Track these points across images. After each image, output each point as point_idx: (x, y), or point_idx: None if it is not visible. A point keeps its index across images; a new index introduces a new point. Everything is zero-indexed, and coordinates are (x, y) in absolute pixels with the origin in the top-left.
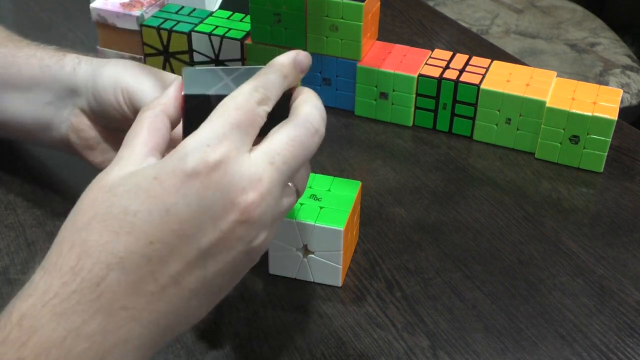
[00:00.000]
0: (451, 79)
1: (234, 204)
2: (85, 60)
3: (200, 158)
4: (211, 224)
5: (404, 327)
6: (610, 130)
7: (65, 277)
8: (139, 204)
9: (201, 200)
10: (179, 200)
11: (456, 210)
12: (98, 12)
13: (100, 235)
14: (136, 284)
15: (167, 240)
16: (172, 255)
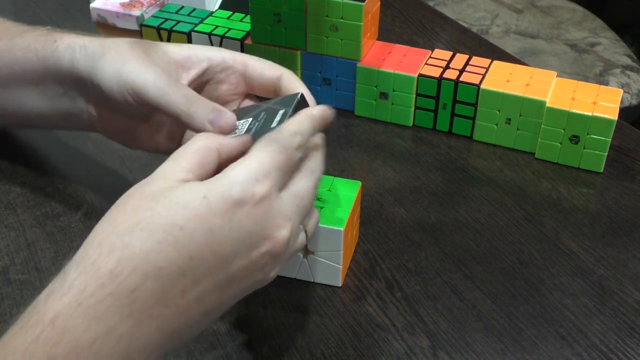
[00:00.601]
0: (451, 79)
1: (269, 238)
2: (78, 49)
3: (250, 190)
4: (245, 251)
5: (404, 327)
6: (611, 130)
7: (103, 279)
8: (186, 219)
9: (242, 229)
10: (224, 224)
11: (456, 210)
12: (98, 12)
13: (142, 243)
14: (167, 295)
15: (205, 258)
16: (206, 274)
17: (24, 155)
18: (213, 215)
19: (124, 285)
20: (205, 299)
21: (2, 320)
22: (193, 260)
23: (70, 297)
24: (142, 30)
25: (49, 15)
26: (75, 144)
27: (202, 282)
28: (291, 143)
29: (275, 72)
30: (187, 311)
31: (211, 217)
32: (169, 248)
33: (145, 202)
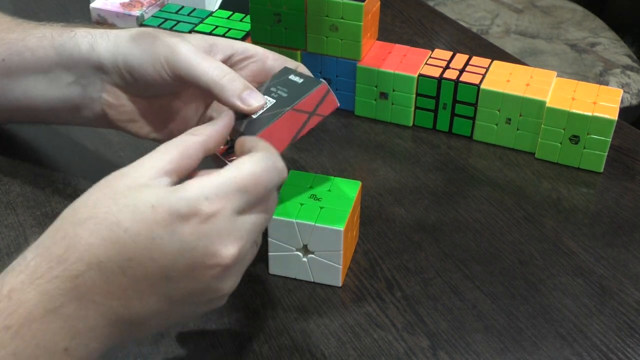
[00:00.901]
0: (451, 79)
1: (214, 255)
2: (99, 35)
3: (195, 207)
4: (185, 261)
5: (404, 327)
6: (611, 130)
7: (52, 263)
8: (132, 223)
9: (184, 242)
10: (166, 235)
11: (456, 210)
12: (98, 12)
13: (90, 236)
14: (107, 286)
15: (144, 263)
16: (144, 277)
17: (24, 155)
18: (156, 223)
19: (68, 270)
20: (147, 300)
21: None
22: (132, 262)
23: (25, 276)
24: None
25: (49, 15)
26: (75, 144)
27: (141, 284)
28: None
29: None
30: (129, 306)
31: (154, 226)
32: (111, 245)
33: (105, 199)
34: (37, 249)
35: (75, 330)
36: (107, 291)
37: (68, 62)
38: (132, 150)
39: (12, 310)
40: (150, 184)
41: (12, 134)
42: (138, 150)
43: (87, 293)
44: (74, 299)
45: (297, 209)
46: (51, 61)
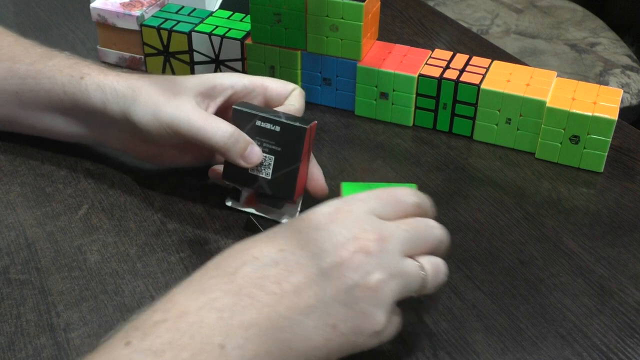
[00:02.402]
0: (451, 79)
1: (357, 238)
2: (109, 90)
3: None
4: (333, 248)
5: (404, 327)
6: (611, 130)
7: (209, 270)
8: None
9: (329, 230)
10: (311, 226)
11: (456, 210)
12: (98, 12)
13: (244, 245)
14: (262, 280)
15: (294, 251)
16: (296, 266)
17: (24, 155)
18: (302, 220)
19: (224, 269)
20: (301, 292)
21: (3, 320)
22: (284, 252)
23: (184, 284)
24: (142, 30)
25: (49, 15)
26: (75, 145)
27: (294, 273)
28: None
29: (287, 89)
30: (284, 301)
31: (300, 221)
32: (264, 242)
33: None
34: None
35: (231, 326)
36: (262, 284)
37: (84, 110)
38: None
39: (170, 307)
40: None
41: (13, 134)
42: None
43: (242, 286)
44: (229, 293)
45: None
46: (66, 106)
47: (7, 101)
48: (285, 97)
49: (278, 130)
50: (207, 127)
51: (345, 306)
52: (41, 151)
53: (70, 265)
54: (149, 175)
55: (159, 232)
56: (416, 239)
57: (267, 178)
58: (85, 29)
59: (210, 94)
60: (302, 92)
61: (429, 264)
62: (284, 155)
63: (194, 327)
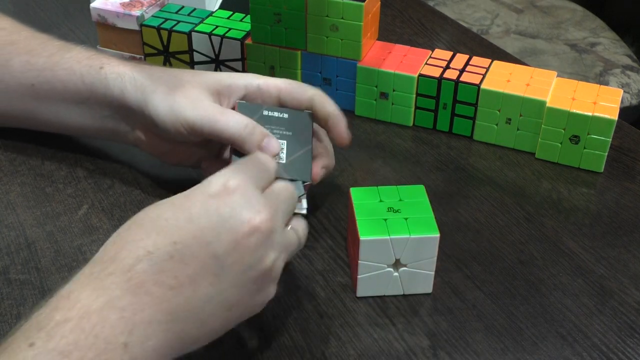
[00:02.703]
0: (451, 79)
1: (248, 220)
2: (128, 79)
3: (221, 183)
4: (226, 234)
5: (404, 327)
6: (611, 130)
7: (105, 264)
8: (170, 212)
9: (220, 215)
10: (202, 212)
11: (456, 210)
12: (98, 12)
13: (135, 234)
14: (159, 275)
15: (188, 242)
16: (192, 257)
17: (24, 155)
18: (192, 205)
19: (120, 266)
20: (197, 281)
21: (3, 320)
22: (177, 244)
23: (81, 280)
24: (142, 30)
25: (49, 15)
26: (76, 143)
27: (189, 264)
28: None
29: (305, 94)
30: (182, 292)
31: (191, 208)
32: (156, 235)
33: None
34: (90, 262)
35: (133, 324)
36: (160, 280)
37: (101, 100)
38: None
39: (70, 305)
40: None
41: (13, 134)
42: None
43: (139, 284)
44: (129, 292)
45: (383, 225)
46: (83, 96)
47: (23, 95)
48: (300, 101)
49: (286, 117)
50: (222, 120)
51: (241, 287)
52: (41, 151)
53: (70, 265)
54: (149, 175)
55: None
56: (290, 208)
57: (283, 162)
58: (85, 29)
59: (224, 93)
60: (323, 96)
61: (297, 225)
62: (295, 139)
63: (97, 327)
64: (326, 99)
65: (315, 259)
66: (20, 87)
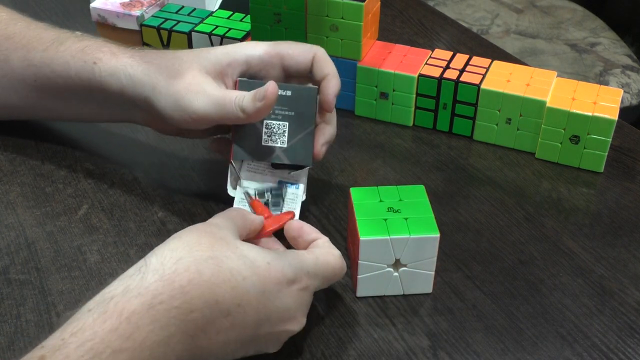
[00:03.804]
0: (451, 79)
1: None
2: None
3: (299, 276)
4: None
5: (404, 327)
6: (611, 130)
7: (175, 292)
8: (250, 273)
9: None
10: (275, 292)
11: (456, 210)
12: (98, 12)
13: (212, 275)
14: (209, 326)
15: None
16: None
17: (24, 155)
18: (270, 280)
19: (188, 303)
20: (228, 345)
21: (3, 320)
22: (240, 307)
23: (145, 299)
24: (142, 30)
25: (49, 15)
26: (76, 143)
27: (235, 328)
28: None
29: (308, 55)
30: (210, 347)
31: (268, 281)
32: (230, 289)
33: (218, 243)
34: (157, 272)
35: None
36: (206, 330)
37: (101, 95)
38: (133, 151)
39: (129, 334)
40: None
41: (12, 134)
42: (140, 151)
43: (192, 328)
44: (182, 332)
45: (383, 225)
46: (84, 92)
47: (27, 90)
48: (304, 65)
49: (290, 94)
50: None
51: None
52: (41, 151)
53: (70, 265)
54: (149, 175)
55: (159, 232)
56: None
57: (284, 147)
58: (85, 29)
59: (226, 72)
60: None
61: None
62: (298, 120)
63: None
64: (326, 61)
65: None
66: (23, 83)
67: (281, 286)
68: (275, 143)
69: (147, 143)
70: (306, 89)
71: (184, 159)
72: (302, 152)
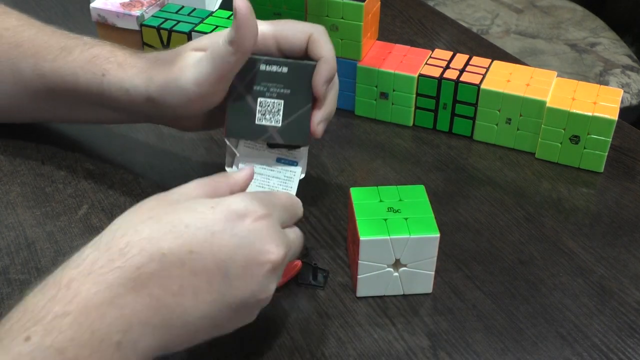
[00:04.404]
0: (451, 78)
1: (267, 252)
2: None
3: (250, 208)
4: (242, 258)
5: (404, 327)
6: (611, 130)
7: (113, 255)
8: (193, 219)
9: (242, 238)
10: (226, 230)
11: (456, 210)
12: (98, 12)
13: (151, 231)
14: (166, 279)
15: (204, 256)
16: (203, 270)
17: (24, 155)
18: (217, 220)
19: (130, 262)
20: (200, 295)
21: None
22: (193, 254)
23: (84, 267)
24: (142, 30)
25: (49, 15)
26: (75, 143)
27: (198, 276)
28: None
29: (302, 36)
30: (182, 301)
31: (215, 222)
32: (173, 239)
33: (163, 204)
34: (94, 245)
35: (130, 324)
36: (165, 285)
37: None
38: (133, 151)
39: (70, 298)
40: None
41: (12, 133)
42: (140, 151)
43: (146, 285)
44: (131, 290)
45: (383, 225)
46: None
47: (38, 97)
48: (301, 47)
49: (285, 71)
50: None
51: (236, 311)
52: (41, 151)
53: None
54: (149, 175)
55: None
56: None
57: (277, 126)
58: (85, 29)
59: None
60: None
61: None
62: (293, 97)
63: (95, 324)
64: (320, 43)
65: (315, 259)
66: (33, 90)
67: (232, 223)
68: (270, 122)
69: (147, 143)
70: (303, 65)
71: (184, 159)
72: (297, 132)
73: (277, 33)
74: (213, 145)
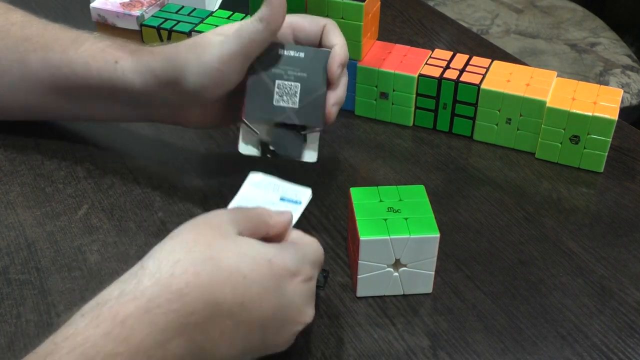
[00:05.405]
0: (451, 78)
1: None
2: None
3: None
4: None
5: (404, 327)
6: (611, 130)
7: (172, 295)
8: (250, 272)
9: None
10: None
11: (456, 210)
12: (98, 12)
13: (210, 277)
14: (211, 326)
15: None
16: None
17: (24, 155)
18: (272, 277)
19: (187, 306)
20: (235, 342)
21: (2, 320)
22: (242, 307)
23: (141, 303)
24: (142, 30)
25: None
26: (75, 144)
27: (240, 328)
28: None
29: (317, 27)
30: (218, 345)
31: (270, 278)
32: (230, 290)
33: (217, 240)
34: (154, 277)
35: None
36: (209, 331)
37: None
38: (133, 151)
39: (124, 336)
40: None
41: (13, 133)
42: (140, 151)
43: (193, 330)
44: (179, 335)
45: (383, 225)
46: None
47: (45, 91)
48: (316, 36)
49: (302, 56)
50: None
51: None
52: (41, 151)
53: (70, 265)
54: (149, 175)
55: (159, 232)
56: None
57: (295, 107)
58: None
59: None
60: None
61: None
62: (310, 81)
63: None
64: (334, 32)
65: None
66: (41, 84)
67: (284, 281)
68: (287, 103)
69: (148, 143)
70: (319, 52)
71: (184, 159)
72: (313, 114)
73: (295, 23)
74: (213, 145)
